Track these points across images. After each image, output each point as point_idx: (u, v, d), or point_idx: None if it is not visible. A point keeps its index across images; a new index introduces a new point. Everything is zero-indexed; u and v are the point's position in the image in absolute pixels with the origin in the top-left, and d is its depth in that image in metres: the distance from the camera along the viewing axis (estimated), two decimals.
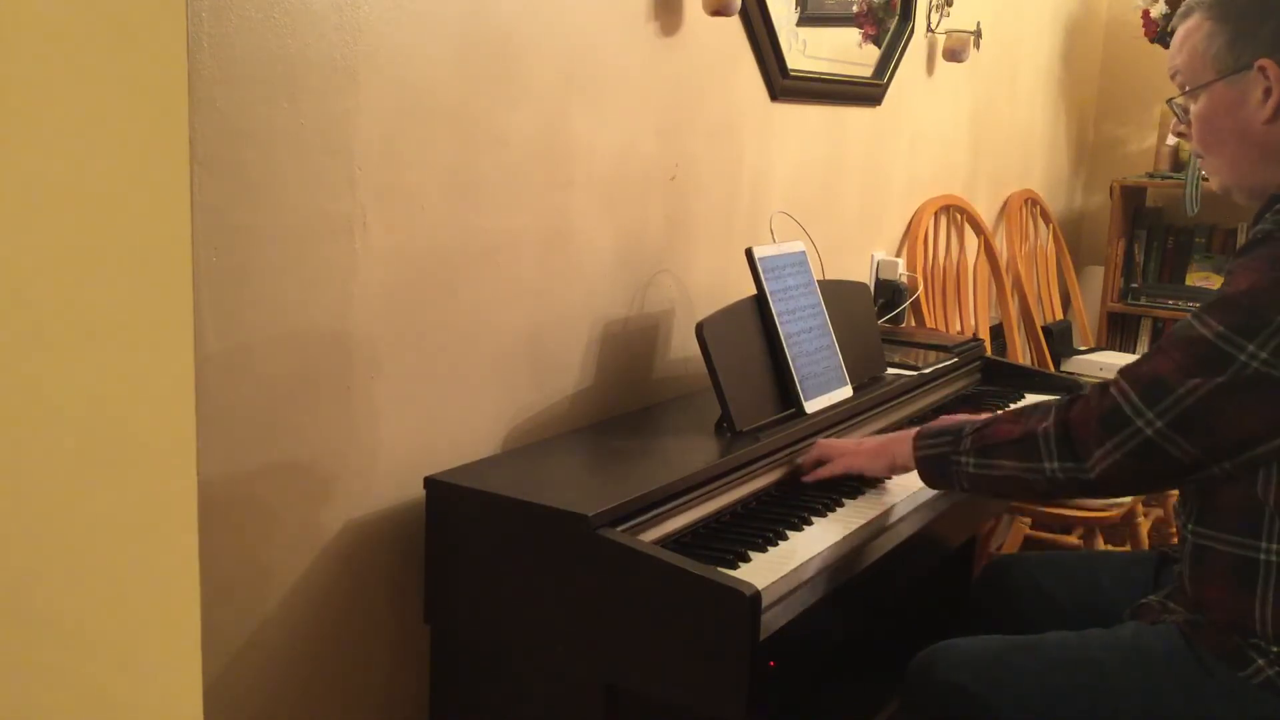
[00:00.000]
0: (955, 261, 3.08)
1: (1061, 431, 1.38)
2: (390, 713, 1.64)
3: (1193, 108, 1.46)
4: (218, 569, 1.35)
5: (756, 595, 1.27)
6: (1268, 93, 1.38)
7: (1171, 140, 3.73)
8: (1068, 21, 3.84)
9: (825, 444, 1.76)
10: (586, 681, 1.42)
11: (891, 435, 1.68)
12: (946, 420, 1.64)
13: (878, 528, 1.62)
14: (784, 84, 2.27)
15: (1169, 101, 1.52)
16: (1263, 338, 1.26)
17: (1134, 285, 3.89)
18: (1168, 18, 3.50)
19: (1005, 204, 3.51)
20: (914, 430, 1.61)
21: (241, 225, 1.32)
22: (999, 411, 1.51)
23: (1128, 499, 2.69)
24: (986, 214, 3.38)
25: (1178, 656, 1.39)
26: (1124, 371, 1.37)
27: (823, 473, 1.71)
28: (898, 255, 2.91)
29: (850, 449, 1.71)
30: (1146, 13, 3.59)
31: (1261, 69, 1.38)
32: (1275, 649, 1.33)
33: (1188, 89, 1.46)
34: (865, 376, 2.06)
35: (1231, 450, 1.30)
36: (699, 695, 1.31)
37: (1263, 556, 1.33)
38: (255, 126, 1.32)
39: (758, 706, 1.29)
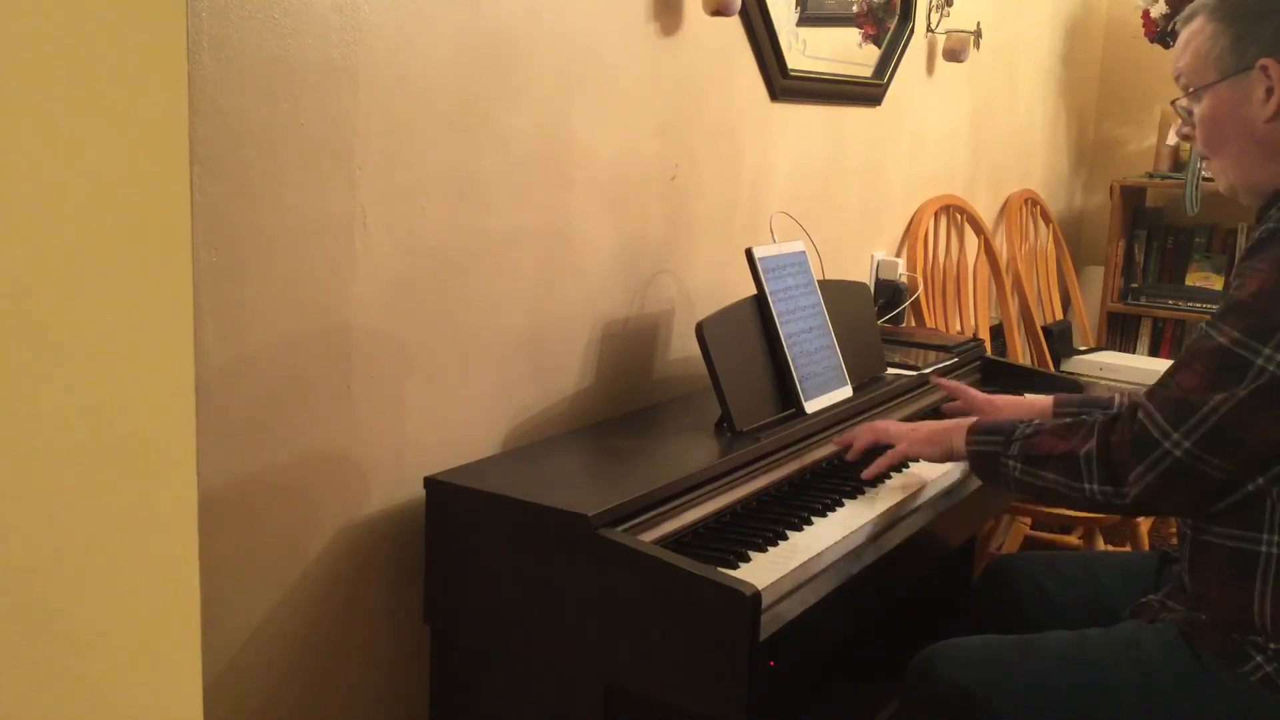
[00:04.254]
0: (955, 261, 3.08)
1: (1103, 455, 1.38)
2: (390, 713, 1.64)
3: (1196, 109, 1.46)
4: (218, 569, 1.35)
5: (756, 595, 1.27)
6: (1269, 92, 1.39)
7: (1172, 140, 3.72)
8: (1068, 21, 3.84)
9: (877, 428, 1.74)
10: (586, 681, 1.42)
11: (947, 423, 1.68)
12: (1000, 419, 1.65)
13: (878, 528, 1.62)
14: (784, 84, 2.27)
15: (1173, 103, 1.52)
16: (1277, 340, 1.27)
17: (1134, 285, 3.89)
18: (1168, 18, 3.50)
19: (1005, 204, 3.51)
20: (968, 421, 1.62)
21: (241, 225, 1.32)
22: (1047, 422, 1.51)
23: None
24: (986, 214, 3.38)
25: (1176, 655, 1.39)
26: (1150, 393, 1.37)
27: (882, 463, 1.71)
28: (898, 255, 2.91)
29: (906, 434, 1.70)
30: (1146, 13, 3.59)
31: (1263, 68, 1.39)
32: (1274, 645, 1.33)
33: (1191, 90, 1.46)
34: (865, 376, 2.06)
35: (1263, 463, 1.31)
36: (699, 695, 1.31)
37: (1263, 549, 1.33)
38: (255, 126, 1.32)
39: (758, 706, 1.29)
